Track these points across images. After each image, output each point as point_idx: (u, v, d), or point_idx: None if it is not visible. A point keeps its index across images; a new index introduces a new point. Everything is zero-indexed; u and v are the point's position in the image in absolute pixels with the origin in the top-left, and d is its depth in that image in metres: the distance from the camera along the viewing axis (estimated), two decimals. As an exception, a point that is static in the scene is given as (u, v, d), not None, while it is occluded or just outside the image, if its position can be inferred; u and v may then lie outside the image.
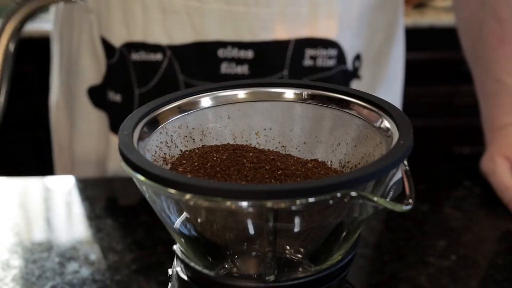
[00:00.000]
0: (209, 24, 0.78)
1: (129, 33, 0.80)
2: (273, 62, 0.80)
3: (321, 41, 0.81)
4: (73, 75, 0.89)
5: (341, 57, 0.83)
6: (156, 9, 0.78)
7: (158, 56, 0.79)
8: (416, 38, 1.82)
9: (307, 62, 0.81)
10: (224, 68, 0.80)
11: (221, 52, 0.79)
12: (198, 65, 0.80)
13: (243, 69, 0.80)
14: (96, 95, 0.87)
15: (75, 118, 0.90)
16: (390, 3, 0.89)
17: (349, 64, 0.85)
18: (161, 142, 0.41)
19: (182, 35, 0.79)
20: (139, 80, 0.81)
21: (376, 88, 0.90)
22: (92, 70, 0.86)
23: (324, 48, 0.81)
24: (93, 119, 0.88)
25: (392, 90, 0.95)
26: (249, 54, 0.79)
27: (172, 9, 0.78)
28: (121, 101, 0.83)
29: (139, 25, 0.79)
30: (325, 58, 0.81)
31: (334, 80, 0.82)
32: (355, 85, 0.86)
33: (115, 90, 0.84)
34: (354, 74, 0.87)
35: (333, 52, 0.81)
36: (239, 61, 0.79)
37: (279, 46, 0.79)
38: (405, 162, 0.36)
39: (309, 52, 0.80)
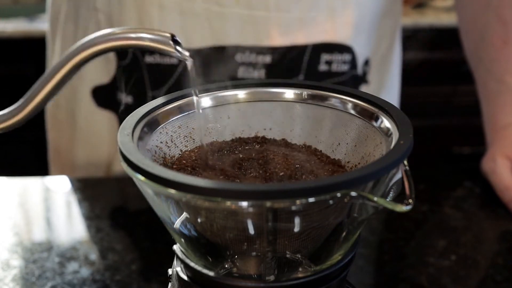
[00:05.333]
0: (229, 29, 0.78)
1: None
2: (290, 66, 0.80)
3: (337, 46, 0.81)
4: (75, 74, 0.88)
5: (353, 62, 0.84)
6: (174, 12, 0.77)
7: (174, 60, 0.79)
8: (416, 38, 1.82)
9: (323, 67, 0.82)
10: (241, 72, 0.80)
11: (239, 57, 0.79)
12: (215, 69, 0.80)
13: (260, 74, 0.80)
14: (102, 95, 0.86)
15: (76, 118, 0.89)
16: (394, 12, 0.90)
17: (359, 69, 0.86)
18: (161, 142, 0.41)
19: (200, 39, 0.78)
20: (153, 83, 0.81)
21: (381, 92, 0.92)
22: (98, 69, 0.85)
23: (340, 53, 0.82)
24: (97, 119, 0.87)
25: (392, 92, 0.96)
26: (267, 58, 0.79)
27: (192, 13, 0.77)
28: (133, 103, 0.82)
29: (155, 28, 0.78)
30: (339, 63, 0.82)
31: (346, 85, 0.83)
32: (363, 89, 0.87)
33: (127, 91, 0.83)
34: (363, 78, 0.87)
35: (347, 57, 0.82)
36: (256, 66, 0.79)
37: (296, 50, 0.80)
38: (405, 162, 0.36)
39: (325, 57, 0.81)
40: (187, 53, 0.38)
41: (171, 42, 0.37)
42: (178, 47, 0.38)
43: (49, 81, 0.39)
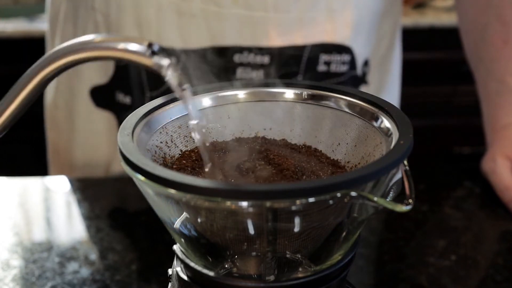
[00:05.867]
0: (227, 29, 0.77)
1: (141, 36, 0.79)
2: (288, 67, 0.80)
3: (335, 46, 0.81)
4: (74, 74, 0.88)
5: (352, 62, 0.84)
6: (171, 13, 0.77)
7: (172, 60, 0.79)
8: (416, 38, 1.82)
9: (321, 67, 0.81)
10: (240, 73, 0.79)
11: (237, 57, 0.79)
12: (213, 70, 0.79)
13: (258, 74, 0.80)
14: (100, 96, 0.86)
15: (75, 118, 0.89)
16: (394, 12, 0.90)
17: (359, 70, 0.85)
18: (161, 142, 0.41)
19: (198, 40, 0.78)
20: (151, 83, 0.81)
21: (381, 93, 0.91)
22: (96, 70, 0.85)
23: (338, 54, 0.82)
24: (96, 120, 0.87)
25: (392, 92, 0.96)
26: (265, 59, 0.79)
27: (189, 13, 0.77)
28: (131, 103, 0.82)
29: (153, 28, 0.78)
30: (338, 64, 0.82)
31: (346, 85, 0.83)
32: (363, 90, 0.87)
33: (125, 92, 0.83)
34: (363, 79, 0.87)
35: (346, 57, 0.82)
36: (254, 66, 0.79)
37: (295, 51, 0.80)
38: (405, 162, 0.36)
39: (323, 57, 0.81)
40: (165, 63, 0.34)
41: (147, 52, 0.32)
42: (155, 58, 0.33)
43: (12, 100, 0.35)
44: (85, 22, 0.84)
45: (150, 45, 0.33)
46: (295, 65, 0.80)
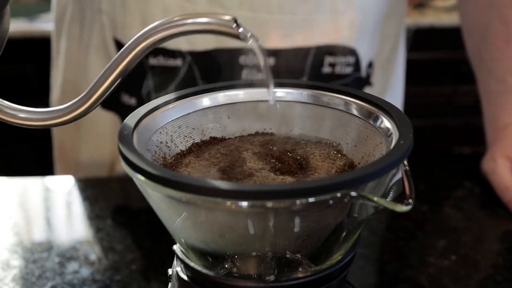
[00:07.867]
0: None
1: None
2: (293, 69, 0.80)
3: (340, 48, 0.81)
4: (81, 74, 0.88)
5: (357, 64, 0.84)
6: (177, 14, 0.78)
7: (178, 62, 0.79)
8: (416, 38, 1.82)
9: (326, 69, 0.81)
10: (245, 74, 0.80)
11: (242, 59, 0.79)
12: (218, 71, 0.80)
13: (263, 76, 0.80)
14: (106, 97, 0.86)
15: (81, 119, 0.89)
16: (398, 13, 0.90)
17: (363, 71, 0.85)
18: (161, 142, 0.41)
19: (203, 42, 0.78)
20: (157, 85, 0.81)
21: (385, 93, 0.91)
22: (102, 70, 0.85)
23: (343, 56, 0.82)
24: (100, 120, 0.88)
25: (395, 93, 0.96)
26: (270, 61, 0.79)
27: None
28: (136, 105, 0.83)
29: None
30: (343, 66, 0.82)
31: (350, 87, 0.83)
32: (367, 91, 0.87)
33: (130, 93, 0.83)
34: (367, 81, 0.87)
35: (351, 59, 0.82)
36: (260, 68, 0.79)
37: (300, 53, 0.80)
38: (405, 162, 0.36)
39: (328, 59, 0.81)
40: (249, 34, 0.40)
41: (234, 25, 0.39)
42: (241, 29, 0.40)
43: (112, 71, 0.41)
44: (91, 23, 0.84)
45: (234, 20, 0.40)
46: (300, 67, 0.80)
